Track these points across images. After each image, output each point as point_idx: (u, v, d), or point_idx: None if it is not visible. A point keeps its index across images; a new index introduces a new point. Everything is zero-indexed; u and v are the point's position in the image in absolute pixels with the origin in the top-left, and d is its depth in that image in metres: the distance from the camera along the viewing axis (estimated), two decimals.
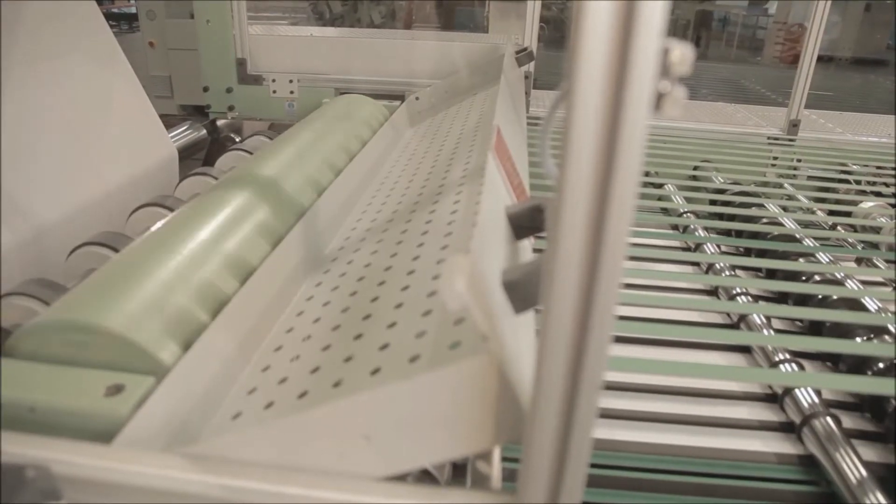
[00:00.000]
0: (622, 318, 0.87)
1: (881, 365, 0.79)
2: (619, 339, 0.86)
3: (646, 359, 0.82)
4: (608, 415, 0.74)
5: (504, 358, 0.30)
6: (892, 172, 1.48)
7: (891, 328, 0.86)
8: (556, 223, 0.23)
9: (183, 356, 0.48)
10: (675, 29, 8.40)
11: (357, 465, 0.35)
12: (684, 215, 1.23)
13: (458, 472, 0.52)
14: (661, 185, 1.36)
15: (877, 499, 0.60)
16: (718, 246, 1.12)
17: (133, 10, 6.59)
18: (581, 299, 0.24)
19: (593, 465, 0.66)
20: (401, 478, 0.39)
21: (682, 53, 0.25)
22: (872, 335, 0.86)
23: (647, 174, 1.43)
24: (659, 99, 0.24)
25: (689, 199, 1.30)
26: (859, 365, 0.82)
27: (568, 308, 0.24)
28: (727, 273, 1.02)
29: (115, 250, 0.76)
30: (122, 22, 6.84)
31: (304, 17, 4.80)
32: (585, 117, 0.22)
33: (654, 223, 1.25)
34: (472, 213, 0.54)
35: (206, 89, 1.61)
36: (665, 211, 1.29)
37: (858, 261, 1.13)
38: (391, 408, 0.33)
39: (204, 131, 1.50)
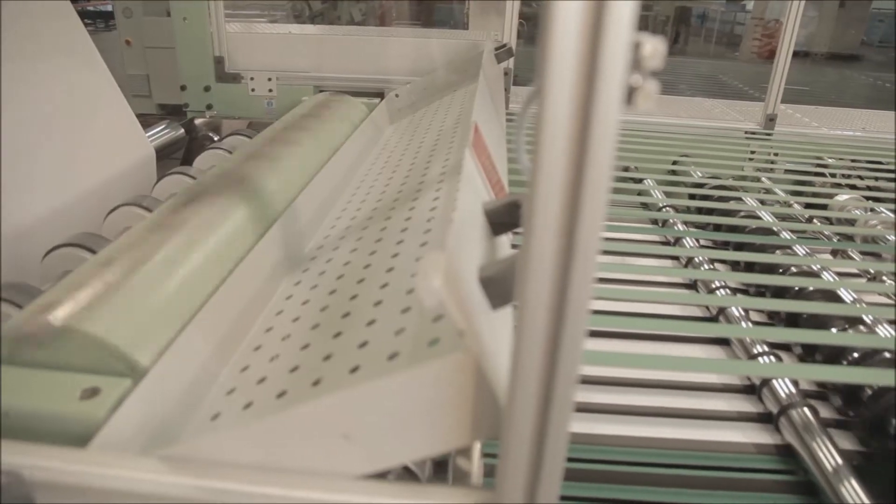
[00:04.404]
0: (602, 312, 0.87)
1: (856, 354, 0.81)
2: (600, 334, 0.87)
3: (626, 353, 0.83)
4: (589, 409, 0.75)
5: (481, 354, 0.30)
6: (867, 165, 1.51)
7: (866, 319, 0.87)
8: (529, 218, 0.23)
9: (160, 357, 0.48)
10: (655, 25, 8.48)
11: (336, 463, 0.35)
12: (664, 210, 1.24)
13: (441, 469, 0.52)
14: (640, 180, 1.37)
15: (852, 486, 0.62)
16: (697, 240, 1.13)
17: (109, 7, 6.50)
18: (555, 294, 0.24)
19: (573, 460, 0.67)
20: (381, 475, 0.39)
21: (654, 48, 0.25)
22: (847, 326, 0.87)
23: (626, 169, 1.44)
24: (631, 93, 0.24)
25: (668, 194, 1.32)
26: (835, 355, 0.83)
27: (542, 303, 0.24)
28: (706, 266, 1.03)
29: (92, 252, 0.75)
30: (97, 20, 6.75)
31: (284, 14, 4.76)
32: (557, 112, 0.22)
33: (633, 218, 1.26)
34: (451, 210, 0.54)
35: (183, 88, 1.59)
36: (645, 206, 1.30)
37: (834, 253, 1.15)
38: (369, 406, 0.33)
39: (182, 130, 1.49)
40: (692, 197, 1.30)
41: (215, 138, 1.53)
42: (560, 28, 0.21)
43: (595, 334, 0.87)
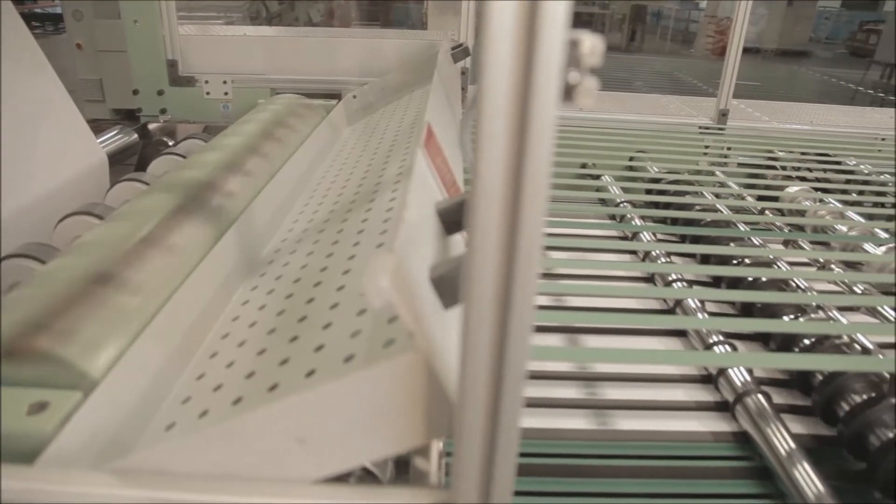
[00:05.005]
0: (561, 307, 0.88)
1: (807, 342, 0.83)
2: (559, 329, 0.88)
3: (585, 347, 0.84)
4: (549, 404, 0.75)
5: (432, 354, 0.30)
6: (815, 158, 1.55)
7: (817, 306, 0.90)
8: (472, 215, 0.24)
9: (112, 369, 0.47)
10: (612, 23, 8.61)
11: (291, 469, 0.35)
12: (621, 205, 1.26)
13: (405, 470, 0.52)
14: (598, 177, 1.39)
15: (805, 469, 0.63)
16: (654, 234, 1.15)
17: (58, 9, 6.32)
18: (500, 290, 0.24)
19: (535, 455, 0.68)
20: (342, 478, 0.39)
21: (593, 45, 0.25)
22: (800, 314, 0.90)
23: (584, 166, 1.46)
24: (570, 90, 0.25)
25: (625, 190, 1.33)
26: (788, 342, 0.85)
27: (487, 299, 0.25)
28: (663, 260, 1.05)
29: (42, 262, 0.73)
30: (46, 23, 6.55)
31: (241, 16, 4.70)
32: (495, 110, 0.22)
33: (592, 214, 1.28)
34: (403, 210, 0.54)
35: (136, 92, 1.56)
36: (603, 202, 1.32)
37: (786, 243, 1.18)
38: (323, 409, 0.33)
39: (135, 135, 1.45)
40: (649, 192, 1.33)
41: (170, 143, 1.50)
42: (496, 28, 0.22)
43: (555, 330, 0.88)
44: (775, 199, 1.33)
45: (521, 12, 0.21)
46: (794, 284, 0.96)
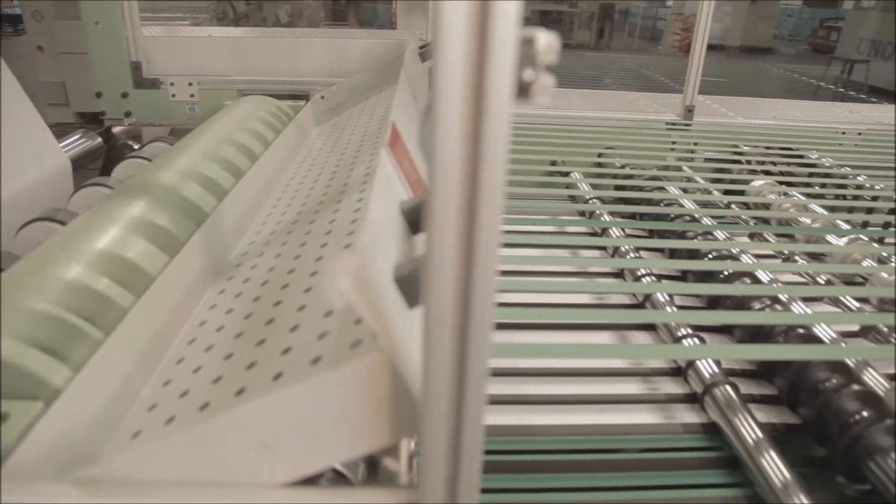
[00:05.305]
0: (532, 305, 0.89)
1: (773, 332, 0.85)
2: (530, 326, 0.89)
3: (556, 343, 0.84)
4: (520, 400, 0.76)
5: (396, 353, 0.30)
6: (779, 152, 1.58)
7: (782, 297, 0.92)
8: (429, 214, 0.24)
9: (75, 377, 0.46)
10: (581, 21, 8.68)
11: (259, 473, 0.34)
12: (590, 201, 1.27)
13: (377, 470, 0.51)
14: (567, 174, 1.40)
15: (771, 457, 0.65)
16: (623, 229, 1.17)
17: (18, 10, 6.17)
18: (459, 288, 0.25)
19: (506, 452, 0.68)
20: (314, 481, 0.39)
21: (548, 42, 0.26)
22: (766, 305, 0.91)
23: (553, 163, 1.47)
24: (526, 87, 0.25)
25: (595, 186, 1.35)
26: (754, 334, 0.87)
27: (446, 298, 0.25)
28: (632, 255, 1.06)
29: (1, 270, 0.71)
30: (5, 24, 6.39)
31: (207, 17, 4.63)
32: (450, 109, 0.22)
33: (562, 210, 1.29)
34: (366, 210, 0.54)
35: (99, 95, 1.53)
36: (572, 198, 1.33)
37: (751, 236, 1.20)
38: (288, 412, 0.33)
39: (99, 139, 1.42)
40: (618, 188, 1.34)
41: (135, 146, 1.47)
42: (448, 27, 0.22)
43: (526, 327, 0.88)
44: (741, 192, 1.35)
45: (473, 11, 0.21)
46: (759, 276, 0.97)
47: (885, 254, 1.07)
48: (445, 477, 0.29)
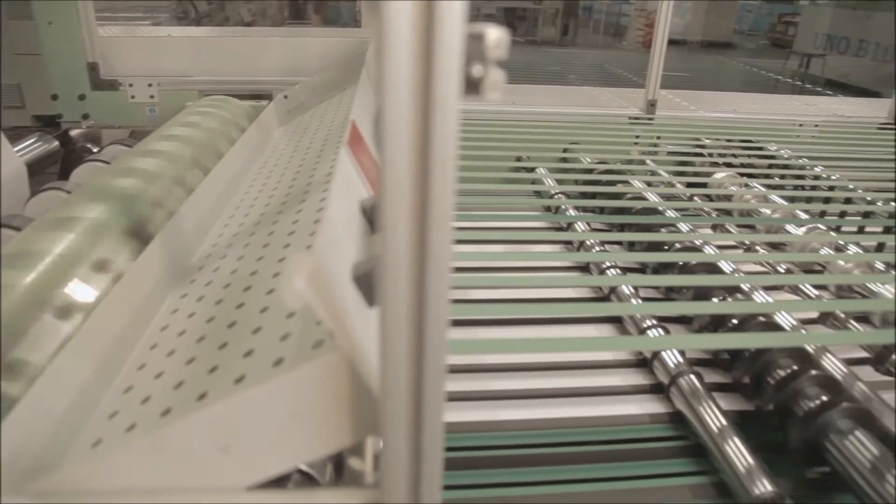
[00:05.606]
0: (498, 300, 0.89)
1: (735, 321, 0.86)
2: (497, 322, 0.89)
3: (522, 338, 0.85)
4: (488, 396, 0.76)
5: (355, 352, 0.30)
6: (740, 144, 1.61)
7: (744, 287, 0.94)
8: (380, 212, 0.24)
9: (31, 386, 0.45)
10: (545, 18, 8.74)
11: (222, 477, 0.34)
12: (556, 197, 1.28)
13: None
14: (532, 169, 1.41)
15: (735, 444, 0.66)
16: (588, 224, 1.18)
17: None
18: (413, 285, 0.25)
19: (474, 448, 0.68)
20: (280, 482, 0.39)
21: (498, 37, 0.26)
22: (727, 295, 0.93)
23: (518, 159, 1.47)
24: (476, 83, 0.25)
25: (560, 181, 1.36)
26: (716, 324, 0.88)
27: (401, 296, 0.25)
28: (597, 249, 1.08)
29: None
30: None
31: (168, 16, 4.55)
32: (398, 106, 0.22)
33: (527, 206, 1.29)
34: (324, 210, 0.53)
35: (55, 97, 1.49)
36: (538, 194, 1.34)
37: (714, 227, 1.23)
38: (249, 414, 0.32)
39: (56, 143, 1.39)
40: (583, 182, 1.35)
41: (94, 150, 1.44)
42: (393, 23, 0.22)
43: (492, 323, 0.89)
44: (703, 185, 1.37)
45: (419, 8, 0.21)
46: (722, 267, 0.99)
47: (841, 242, 1.10)
48: (407, 475, 0.29)
